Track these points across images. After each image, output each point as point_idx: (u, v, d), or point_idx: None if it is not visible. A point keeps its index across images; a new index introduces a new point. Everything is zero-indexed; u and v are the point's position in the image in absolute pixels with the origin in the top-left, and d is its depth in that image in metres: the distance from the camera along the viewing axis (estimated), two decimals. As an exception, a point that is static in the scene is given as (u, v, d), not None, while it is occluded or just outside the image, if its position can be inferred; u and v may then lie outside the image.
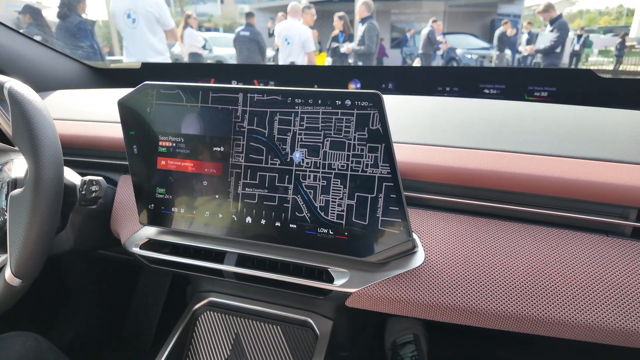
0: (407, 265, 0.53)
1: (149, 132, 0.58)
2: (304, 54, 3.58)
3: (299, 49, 3.56)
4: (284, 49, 3.64)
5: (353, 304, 0.56)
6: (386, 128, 0.48)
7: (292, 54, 3.60)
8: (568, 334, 0.49)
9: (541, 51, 4.31)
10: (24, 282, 0.54)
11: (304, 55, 3.58)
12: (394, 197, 0.49)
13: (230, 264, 0.59)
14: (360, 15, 4.09)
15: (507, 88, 0.99)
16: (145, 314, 1.23)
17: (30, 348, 0.66)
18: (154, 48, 2.60)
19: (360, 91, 0.48)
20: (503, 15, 8.77)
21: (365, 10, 4.03)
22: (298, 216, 0.53)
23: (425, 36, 5.87)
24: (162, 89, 0.56)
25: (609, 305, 0.47)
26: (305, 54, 3.58)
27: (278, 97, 0.52)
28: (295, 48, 3.57)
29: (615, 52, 6.67)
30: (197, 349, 0.70)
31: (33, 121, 0.53)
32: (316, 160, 0.51)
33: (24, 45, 1.01)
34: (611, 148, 0.57)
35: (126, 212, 0.69)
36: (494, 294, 0.50)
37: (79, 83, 1.13)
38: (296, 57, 3.59)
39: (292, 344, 0.67)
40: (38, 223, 0.53)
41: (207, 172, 0.56)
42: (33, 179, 0.53)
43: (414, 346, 1.00)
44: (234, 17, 13.58)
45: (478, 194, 0.57)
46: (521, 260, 0.51)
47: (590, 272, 0.49)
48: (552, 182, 0.53)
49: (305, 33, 3.56)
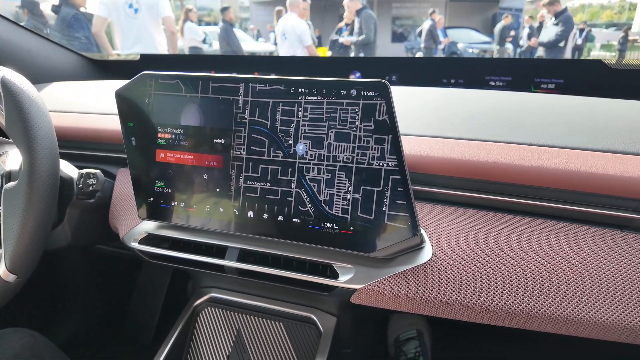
0: (414, 261, 0.51)
1: (148, 124, 0.56)
2: (302, 48, 3.54)
3: (296, 43, 3.53)
4: (282, 44, 3.61)
5: (358, 301, 0.54)
6: (393, 119, 0.46)
7: (290, 49, 3.56)
8: (581, 332, 0.47)
9: (545, 45, 4.27)
10: (19, 277, 0.52)
11: (302, 49, 3.55)
12: (401, 191, 0.47)
13: (232, 260, 0.58)
14: (354, 8, 4.05)
15: (513, 80, 0.97)
16: (145, 310, 1.22)
17: (26, 345, 0.64)
18: (156, 40, 2.55)
19: (366, 80, 0.47)
20: (505, 9, 8.71)
21: (358, 2, 3.99)
22: (302, 210, 0.51)
23: (427, 30, 5.82)
24: (161, 79, 0.54)
25: (623, 302, 0.46)
26: (304, 47, 3.55)
27: (281, 86, 0.50)
28: (293, 43, 3.54)
29: (618, 47, 6.62)
30: (198, 345, 0.68)
31: (27, 112, 0.52)
32: (320, 153, 0.50)
33: (19, 36, 0.99)
34: (625, 140, 0.55)
35: (125, 206, 0.68)
36: (505, 291, 0.48)
37: (76, 75, 1.11)
38: (293, 52, 3.56)
39: (295, 341, 0.66)
40: (33, 217, 0.51)
41: (207, 164, 0.54)
42: (27, 171, 0.51)
43: (417, 342, 0.99)
44: (234, 10, 13.53)
45: (488, 188, 0.55)
46: (532, 255, 0.50)
47: (604, 268, 0.48)
48: (564, 175, 0.51)
49: (300, 27, 3.51)
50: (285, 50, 3.60)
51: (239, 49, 4.68)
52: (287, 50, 3.59)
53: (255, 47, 8.37)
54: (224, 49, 4.47)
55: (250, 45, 8.20)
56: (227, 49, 4.39)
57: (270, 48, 7.84)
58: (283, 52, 3.64)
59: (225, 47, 4.44)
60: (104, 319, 1.21)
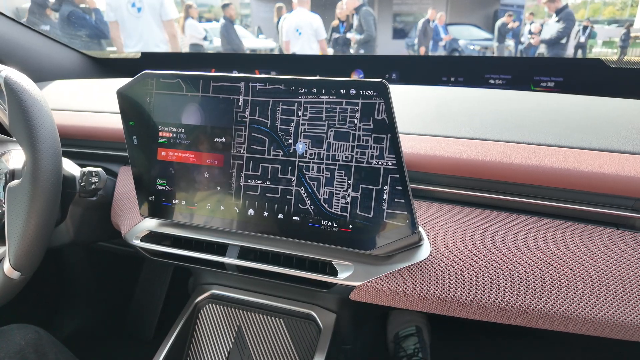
0: (412, 258, 0.52)
1: (149, 123, 0.56)
2: (316, 42, 3.52)
3: (312, 38, 3.51)
4: (296, 40, 3.57)
5: (357, 298, 0.55)
6: (392, 118, 0.47)
7: (307, 43, 3.53)
8: (577, 329, 0.48)
9: (546, 42, 4.26)
10: (23, 274, 0.53)
11: (316, 44, 3.53)
12: (400, 189, 0.48)
13: (233, 257, 0.58)
14: (353, 5, 4.03)
15: (512, 78, 0.97)
16: (147, 307, 1.22)
17: (30, 341, 0.65)
18: (160, 39, 2.53)
19: (366, 80, 0.47)
20: (506, 6, 8.66)
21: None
22: (301, 208, 0.52)
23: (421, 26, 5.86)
24: (162, 78, 0.55)
25: (619, 300, 0.46)
26: (318, 41, 3.52)
27: (281, 86, 0.50)
28: (309, 37, 3.51)
29: (620, 43, 6.58)
30: (199, 341, 0.69)
31: (30, 111, 0.52)
32: (320, 152, 0.50)
33: (21, 35, 1.00)
34: (622, 139, 0.56)
35: (126, 203, 0.68)
36: (501, 288, 0.49)
37: (77, 73, 1.11)
38: (309, 47, 3.53)
39: (295, 337, 0.66)
40: (36, 215, 0.52)
41: (208, 163, 0.55)
42: (31, 170, 0.52)
43: (416, 338, 1.00)
44: (235, 7, 13.47)
45: (485, 186, 0.56)
46: (529, 253, 0.50)
47: (600, 265, 0.48)
48: (561, 173, 0.52)
49: (317, 21, 3.50)
50: (301, 45, 3.56)
51: (239, 45, 4.68)
52: (302, 45, 3.56)
53: (256, 44, 8.35)
54: (224, 45, 4.46)
55: (251, 42, 8.18)
56: (228, 46, 4.39)
57: (271, 45, 7.82)
58: (298, 47, 3.58)
59: (225, 44, 4.44)
60: (107, 315, 1.22)
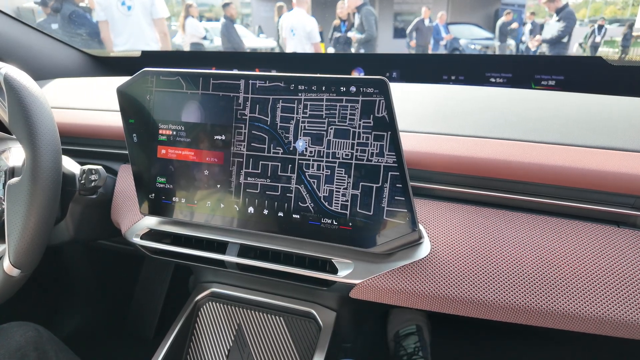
0: (412, 256, 0.52)
1: (149, 120, 0.56)
2: (309, 45, 3.52)
3: (304, 40, 3.51)
4: (290, 40, 3.58)
5: (357, 296, 0.55)
6: (392, 115, 0.46)
7: (299, 44, 3.54)
8: (577, 327, 0.48)
9: (547, 41, 4.25)
10: (23, 272, 0.53)
11: (310, 46, 3.53)
12: (400, 187, 0.48)
13: (232, 255, 0.58)
14: (354, 4, 4.02)
15: (513, 77, 0.97)
16: (147, 305, 1.22)
17: (30, 339, 0.65)
18: (150, 37, 2.52)
19: (366, 77, 0.47)
20: (507, 5, 8.65)
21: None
22: (301, 206, 0.52)
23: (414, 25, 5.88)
24: (162, 75, 0.55)
25: (619, 298, 0.46)
26: (312, 45, 3.53)
27: (280, 83, 0.50)
28: (301, 39, 3.51)
29: (622, 43, 6.57)
30: (200, 339, 0.69)
31: (30, 108, 0.52)
32: (320, 149, 0.50)
33: (22, 33, 1.00)
34: (623, 137, 0.56)
35: (126, 201, 0.68)
36: (502, 286, 0.49)
37: (78, 71, 1.11)
38: (302, 49, 3.53)
39: (295, 335, 0.66)
40: (36, 212, 0.52)
41: (208, 161, 0.55)
42: (30, 167, 0.52)
43: (416, 337, 1.00)
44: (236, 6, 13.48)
45: (486, 184, 0.56)
46: (530, 251, 0.50)
47: (600, 263, 0.48)
48: (562, 171, 0.52)
49: (310, 23, 3.49)
50: (294, 45, 3.57)
51: (240, 45, 4.68)
52: (295, 46, 3.56)
53: (256, 43, 8.35)
54: (225, 45, 4.46)
55: (251, 41, 8.18)
56: (228, 45, 4.39)
57: (272, 44, 7.82)
58: (291, 47, 3.60)
59: (226, 43, 4.44)
60: (107, 313, 1.22)
